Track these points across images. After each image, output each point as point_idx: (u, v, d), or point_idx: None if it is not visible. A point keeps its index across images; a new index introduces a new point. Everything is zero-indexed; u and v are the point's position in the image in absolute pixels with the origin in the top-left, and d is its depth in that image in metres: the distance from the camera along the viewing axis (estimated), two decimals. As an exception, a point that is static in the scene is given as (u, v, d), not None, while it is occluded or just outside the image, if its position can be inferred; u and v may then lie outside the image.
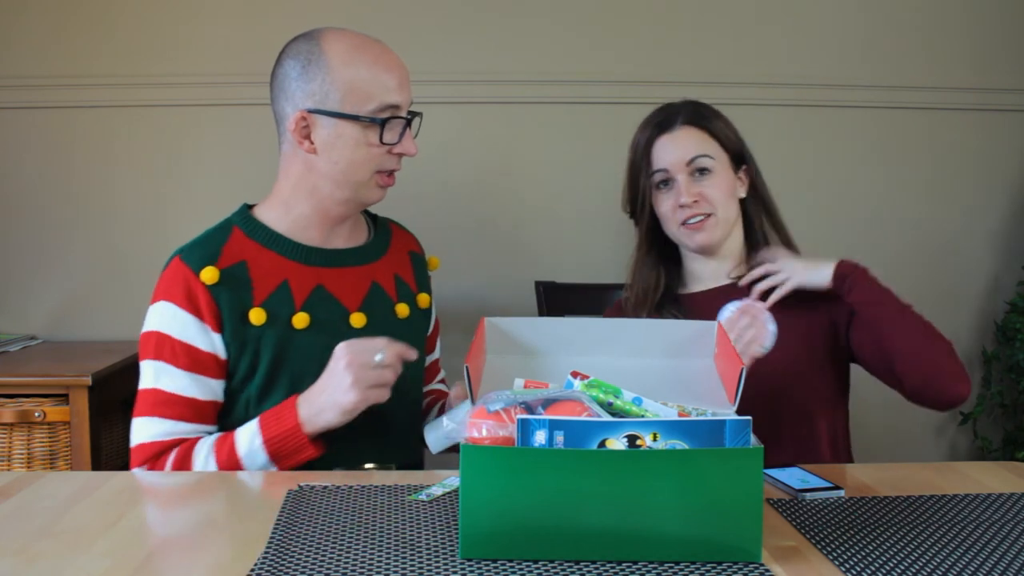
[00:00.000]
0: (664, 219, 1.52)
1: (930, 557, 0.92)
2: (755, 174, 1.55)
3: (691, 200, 1.46)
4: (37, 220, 2.22)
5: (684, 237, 1.50)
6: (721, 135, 1.50)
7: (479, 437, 0.94)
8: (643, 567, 0.88)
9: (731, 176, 1.51)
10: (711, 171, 1.48)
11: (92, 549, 0.92)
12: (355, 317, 1.36)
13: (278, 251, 1.36)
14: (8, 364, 1.95)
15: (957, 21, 2.28)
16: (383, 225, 1.52)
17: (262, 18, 2.20)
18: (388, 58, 1.35)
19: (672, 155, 1.48)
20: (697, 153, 1.47)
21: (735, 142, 1.52)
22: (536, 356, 1.16)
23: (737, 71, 2.24)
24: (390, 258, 1.46)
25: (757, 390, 1.13)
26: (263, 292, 1.33)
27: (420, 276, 1.51)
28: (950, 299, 2.32)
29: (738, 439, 0.90)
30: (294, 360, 1.32)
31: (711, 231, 1.48)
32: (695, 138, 1.48)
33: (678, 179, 1.47)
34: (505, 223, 2.26)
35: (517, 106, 2.24)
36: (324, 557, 0.89)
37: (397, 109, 1.33)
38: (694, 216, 1.47)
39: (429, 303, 1.50)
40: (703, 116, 1.51)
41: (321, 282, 1.37)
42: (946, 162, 2.30)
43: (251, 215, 1.40)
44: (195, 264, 1.31)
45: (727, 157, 1.50)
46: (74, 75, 2.18)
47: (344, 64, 1.32)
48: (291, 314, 1.33)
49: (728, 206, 1.49)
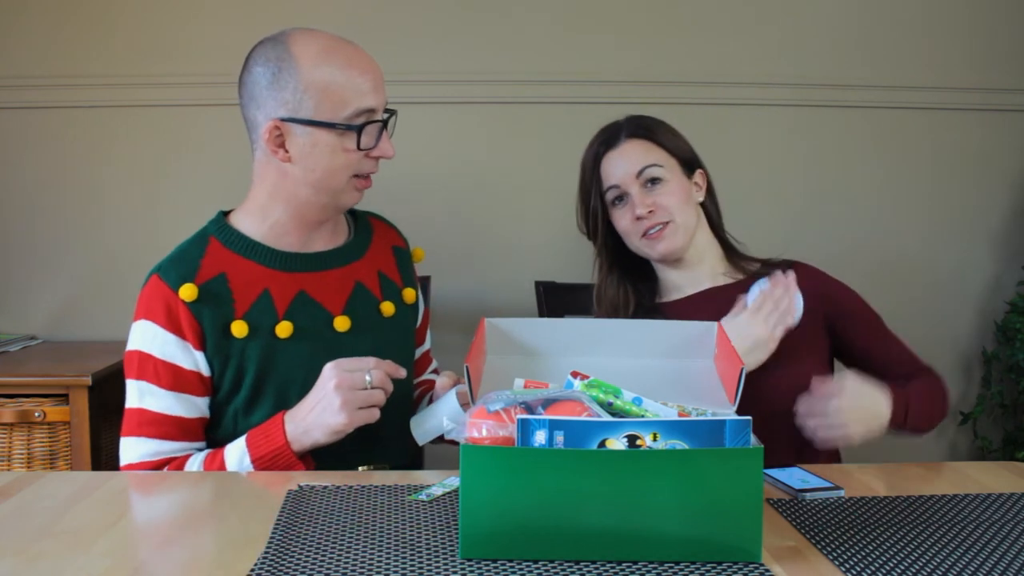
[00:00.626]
0: (625, 235, 1.50)
1: (930, 557, 0.92)
2: (709, 178, 1.54)
3: (646, 211, 1.45)
4: (37, 220, 2.22)
5: (647, 248, 1.49)
6: (668, 143, 1.50)
7: (479, 437, 0.93)
8: (643, 567, 0.88)
9: (684, 182, 1.49)
10: (662, 180, 1.47)
11: (92, 549, 0.92)
12: (339, 321, 1.34)
13: (257, 260, 1.33)
14: (8, 364, 1.95)
15: (957, 21, 2.28)
16: (363, 221, 1.48)
17: (261, 18, 2.19)
18: (361, 60, 1.30)
19: (620, 169, 1.47)
20: (645, 164, 1.47)
21: (683, 148, 1.51)
22: (536, 356, 1.16)
23: (737, 71, 2.24)
24: (372, 255, 1.44)
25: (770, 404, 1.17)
26: (244, 304, 1.30)
27: (404, 270, 1.48)
28: (950, 299, 2.32)
29: (738, 439, 0.90)
30: (280, 370, 1.31)
31: (671, 238, 1.46)
32: (641, 149, 1.48)
33: (631, 192, 1.46)
34: (505, 223, 2.26)
35: (517, 106, 2.24)
36: (324, 557, 0.89)
37: (372, 113, 1.29)
38: (653, 226, 1.46)
39: (415, 297, 1.48)
40: (646, 128, 1.50)
41: (303, 288, 1.34)
42: (946, 162, 2.30)
43: (227, 224, 1.36)
44: (173, 282, 1.28)
45: (676, 163, 1.49)
46: (73, 75, 2.18)
47: (315, 68, 1.26)
48: (274, 324, 1.30)
49: (685, 211, 1.47)
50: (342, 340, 1.34)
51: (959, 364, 2.34)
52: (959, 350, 2.34)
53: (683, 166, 1.50)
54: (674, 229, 1.46)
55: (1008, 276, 2.32)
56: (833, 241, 2.25)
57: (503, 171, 2.26)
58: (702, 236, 1.52)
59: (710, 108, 2.23)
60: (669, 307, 1.52)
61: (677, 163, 1.50)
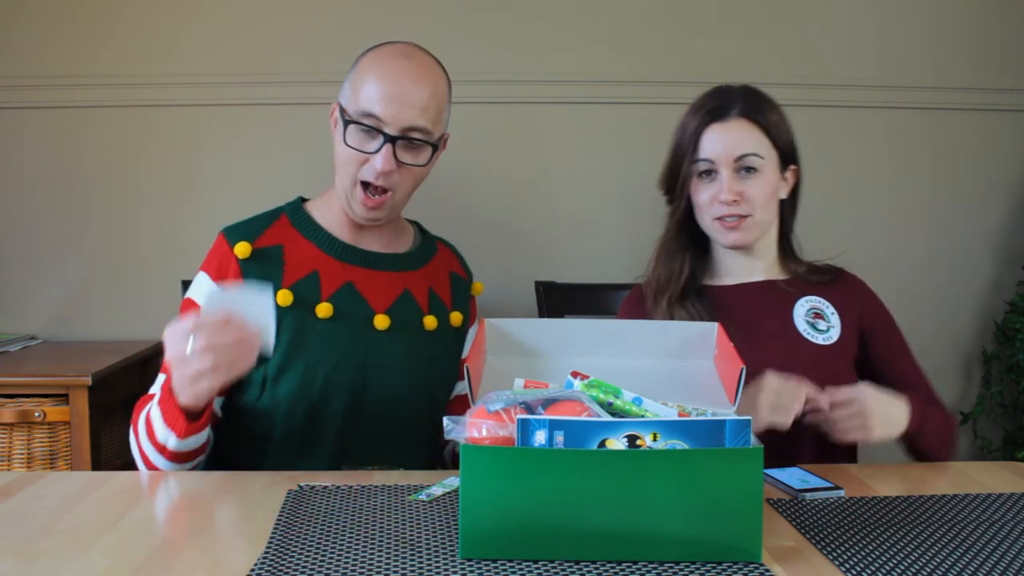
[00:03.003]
0: (699, 208, 1.45)
1: (930, 557, 0.92)
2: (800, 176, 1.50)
3: (732, 199, 1.40)
4: (37, 220, 2.22)
5: (717, 233, 1.44)
6: (774, 132, 1.43)
7: (479, 437, 0.93)
8: (643, 567, 0.88)
9: (777, 177, 1.45)
10: (758, 171, 1.41)
11: (92, 549, 0.92)
12: (379, 319, 1.37)
13: (315, 242, 1.39)
14: (8, 364, 1.94)
15: (957, 21, 2.28)
16: (430, 241, 1.53)
17: (261, 18, 2.19)
18: (394, 74, 1.33)
19: (720, 147, 1.41)
20: (747, 151, 1.40)
21: (787, 140, 1.46)
22: (536, 357, 1.16)
23: (737, 71, 2.23)
24: (428, 272, 1.47)
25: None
26: (292, 276, 1.36)
27: (458, 296, 1.49)
28: (950, 299, 2.32)
29: (738, 439, 0.90)
30: (311, 348, 1.33)
31: (746, 232, 1.42)
32: (748, 133, 1.41)
33: (722, 173, 1.40)
34: (505, 223, 2.26)
35: (517, 106, 2.24)
36: (324, 557, 0.89)
37: (375, 120, 1.32)
38: (733, 214, 1.41)
39: (461, 322, 1.48)
40: (759, 109, 1.43)
41: (351, 279, 1.38)
42: (946, 162, 2.30)
43: (302, 207, 1.45)
44: (233, 240, 1.36)
45: (776, 156, 1.44)
46: (74, 75, 2.18)
47: (364, 68, 1.36)
48: (316, 303, 1.35)
49: (768, 208, 1.44)
50: (377, 337, 1.37)
51: (959, 364, 2.34)
52: (959, 350, 2.34)
53: (780, 160, 1.45)
54: (751, 224, 1.42)
55: (1008, 276, 2.32)
56: (832, 241, 2.25)
57: (503, 171, 2.26)
58: (772, 232, 1.49)
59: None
60: (715, 291, 1.48)
61: (776, 156, 1.44)
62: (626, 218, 2.24)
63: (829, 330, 1.44)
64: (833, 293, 1.48)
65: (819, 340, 1.43)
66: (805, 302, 1.46)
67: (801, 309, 1.45)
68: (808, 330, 1.44)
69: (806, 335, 1.43)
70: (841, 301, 1.47)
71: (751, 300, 1.46)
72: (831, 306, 1.47)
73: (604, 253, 2.27)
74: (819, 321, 1.45)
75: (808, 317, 1.45)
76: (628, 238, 2.25)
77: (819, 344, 1.43)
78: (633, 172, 2.21)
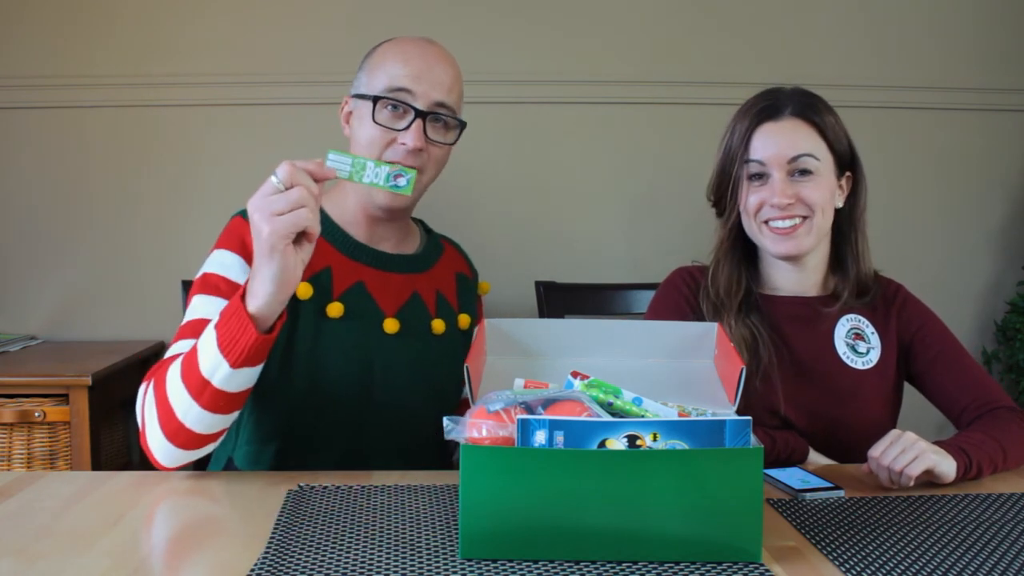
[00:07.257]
0: (746, 214, 1.36)
1: (930, 557, 0.92)
2: (859, 184, 1.40)
3: (786, 202, 1.31)
4: (37, 220, 2.22)
5: (767, 241, 1.36)
6: (830, 134, 1.35)
7: (479, 437, 0.93)
8: (643, 567, 0.88)
9: (833, 182, 1.36)
10: (813, 173, 1.32)
11: (92, 549, 0.92)
12: (389, 322, 1.36)
13: (328, 238, 1.36)
14: (8, 364, 1.95)
15: (958, 21, 2.28)
16: (435, 241, 1.51)
17: (261, 18, 2.20)
18: (420, 52, 1.34)
19: (773, 148, 1.32)
20: (801, 152, 1.32)
21: (843, 144, 1.37)
22: (536, 357, 1.16)
23: (738, 71, 2.24)
24: (434, 274, 1.45)
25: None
26: (309, 269, 1.29)
27: (464, 298, 1.49)
28: (950, 299, 2.32)
29: (738, 439, 0.90)
30: (321, 344, 1.31)
31: (803, 238, 1.33)
32: (802, 133, 1.33)
33: (774, 175, 1.32)
34: (505, 223, 2.26)
35: (517, 106, 2.24)
36: (324, 557, 0.89)
37: (405, 94, 1.31)
38: (787, 218, 1.32)
39: (469, 324, 1.47)
40: (814, 109, 1.35)
41: (362, 279, 1.37)
42: (947, 162, 2.30)
43: None
44: None
45: (832, 160, 1.35)
46: (74, 75, 2.19)
47: (384, 54, 1.36)
48: (328, 301, 1.33)
49: (826, 213, 1.34)
50: (386, 341, 1.35)
51: (959, 364, 2.34)
52: (959, 350, 2.34)
53: (836, 164, 1.36)
54: (809, 227, 1.33)
55: (1008, 276, 2.32)
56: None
57: (503, 171, 2.26)
58: (825, 244, 1.40)
59: (710, 108, 2.23)
60: (769, 301, 1.41)
61: (832, 160, 1.36)
62: (627, 218, 2.24)
63: (869, 352, 1.39)
64: (873, 309, 1.43)
65: (858, 365, 1.38)
66: (847, 321, 1.40)
67: (842, 330, 1.39)
68: (848, 353, 1.38)
69: (845, 358, 1.38)
70: (880, 318, 1.42)
71: (797, 316, 1.39)
72: (870, 324, 1.41)
73: (605, 253, 2.27)
74: (859, 343, 1.39)
75: (848, 339, 1.39)
76: (629, 238, 2.25)
77: (857, 369, 1.38)
78: (634, 172, 2.22)
